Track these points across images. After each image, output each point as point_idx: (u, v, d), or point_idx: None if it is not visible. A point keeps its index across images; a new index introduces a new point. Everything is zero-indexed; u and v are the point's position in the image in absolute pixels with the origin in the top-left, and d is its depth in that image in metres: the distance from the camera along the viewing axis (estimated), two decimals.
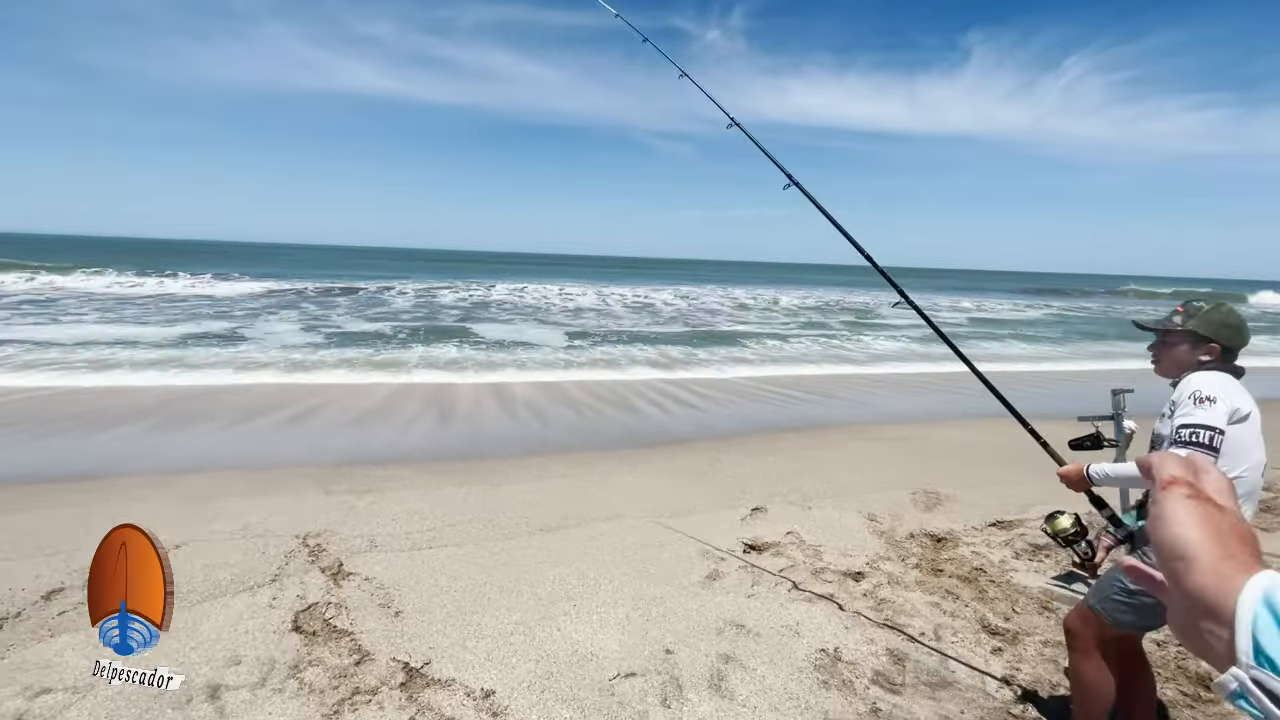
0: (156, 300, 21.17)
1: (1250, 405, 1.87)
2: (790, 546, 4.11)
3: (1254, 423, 1.87)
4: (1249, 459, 1.85)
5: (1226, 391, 1.86)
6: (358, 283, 31.68)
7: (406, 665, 2.76)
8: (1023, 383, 11.14)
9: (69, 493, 5.02)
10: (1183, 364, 2.02)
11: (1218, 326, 1.98)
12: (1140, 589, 1.89)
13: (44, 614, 3.17)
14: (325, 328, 15.96)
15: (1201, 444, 1.78)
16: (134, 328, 14.69)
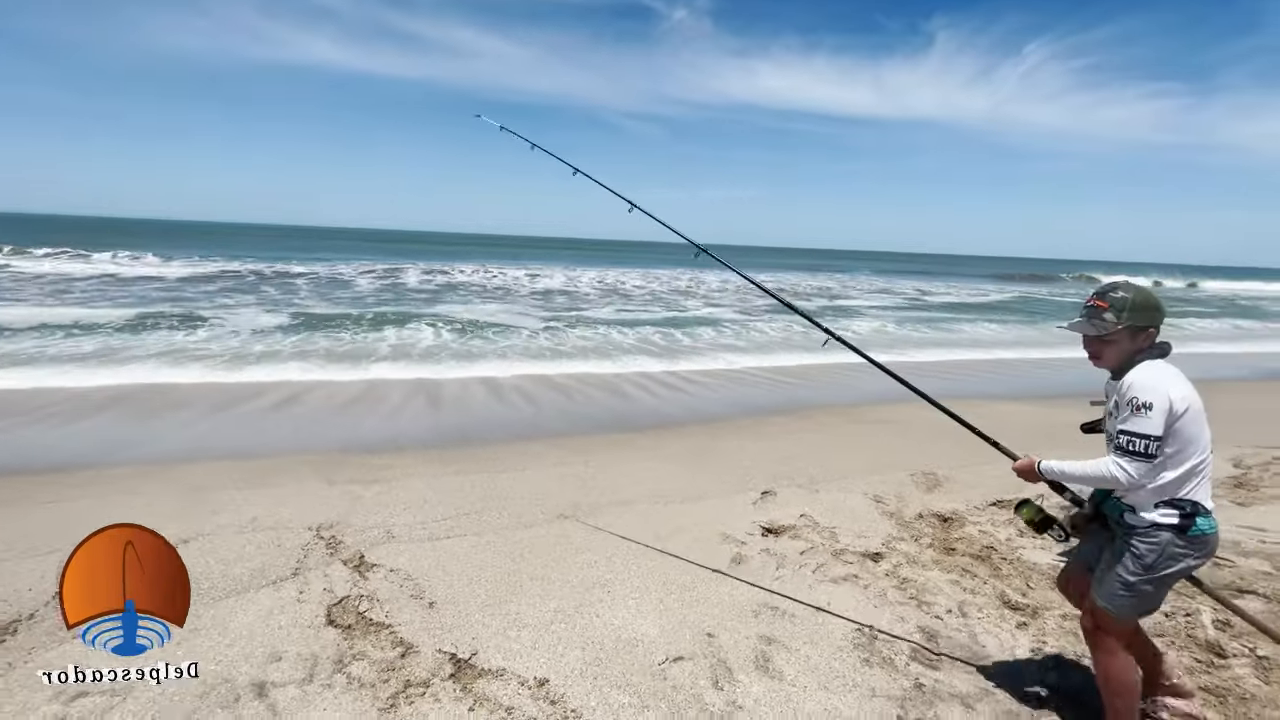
0: (100, 281, 20.14)
1: (1187, 392, 1.97)
2: (806, 529, 4.21)
3: (1195, 411, 1.97)
4: (1197, 445, 1.98)
5: (1164, 390, 1.94)
6: (315, 265, 30.71)
7: (453, 656, 2.75)
8: (1001, 368, 11.55)
9: (55, 486, 4.81)
10: (1124, 354, 2.08)
11: (1149, 312, 2.05)
12: (1139, 578, 2.00)
13: (58, 615, 3.04)
14: (290, 311, 15.46)
15: (1139, 453, 1.93)
16: (81, 309, 13.99)
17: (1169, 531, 1.98)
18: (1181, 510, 1.98)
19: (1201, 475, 1.99)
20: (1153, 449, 1.92)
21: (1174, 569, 2.00)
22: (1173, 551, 1.98)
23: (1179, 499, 1.98)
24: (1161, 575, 2.01)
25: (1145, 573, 2.01)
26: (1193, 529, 1.98)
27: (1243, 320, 24.04)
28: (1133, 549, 2.03)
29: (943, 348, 14.09)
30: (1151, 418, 1.92)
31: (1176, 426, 1.94)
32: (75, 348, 10.17)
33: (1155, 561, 2.00)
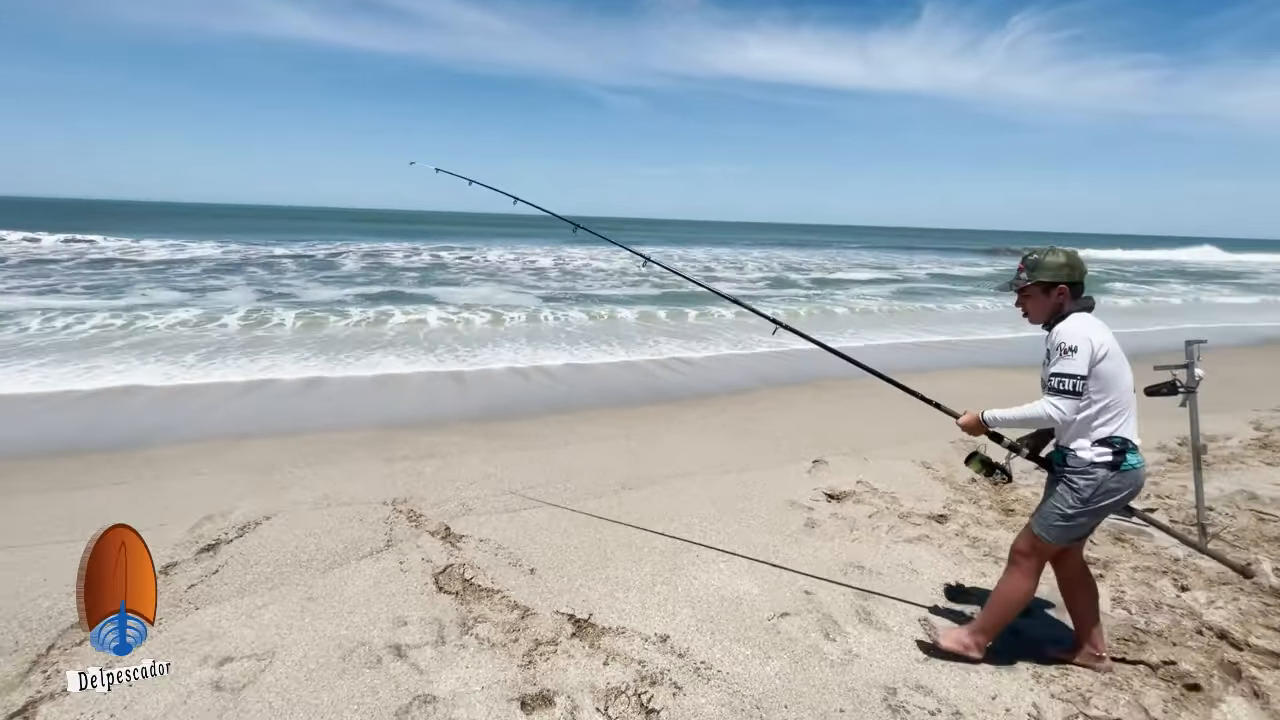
0: (79, 266, 19.67)
1: (1108, 339, 2.23)
2: (867, 494, 4.37)
3: (1113, 354, 2.22)
4: (1118, 385, 2.23)
5: (1086, 336, 2.20)
6: (297, 246, 30.19)
7: (572, 617, 2.88)
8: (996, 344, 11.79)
9: (120, 467, 4.84)
10: (1045, 309, 2.36)
11: (1056, 269, 2.31)
12: (1076, 510, 2.24)
13: (171, 589, 3.12)
14: (285, 296, 15.29)
15: (1068, 391, 2.19)
16: (81, 299, 13.71)
17: (1104, 469, 2.22)
18: (1113, 448, 2.21)
19: (1125, 412, 2.23)
20: (1079, 387, 2.19)
21: (1109, 501, 2.26)
22: (1108, 486, 2.23)
23: (1111, 436, 2.22)
24: (1097, 507, 2.27)
25: (1083, 506, 2.26)
26: (1124, 464, 2.22)
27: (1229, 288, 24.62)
28: (1071, 484, 2.27)
29: (946, 324, 14.33)
30: (1076, 359, 2.18)
31: (1098, 368, 2.20)
32: (85, 336, 10.04)
33: (1092, 495, 2.24)
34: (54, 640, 2.70)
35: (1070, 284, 2.31)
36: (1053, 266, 2.31)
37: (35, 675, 2.46)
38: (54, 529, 3.75)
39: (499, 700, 2.34)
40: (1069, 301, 2.32)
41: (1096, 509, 2.27)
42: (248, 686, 2.40)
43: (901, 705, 2.32)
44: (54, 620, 2.85)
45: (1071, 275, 2.31)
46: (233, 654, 2.60)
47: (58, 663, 2.54)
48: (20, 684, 2.41)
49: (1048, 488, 2.43)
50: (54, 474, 4.67)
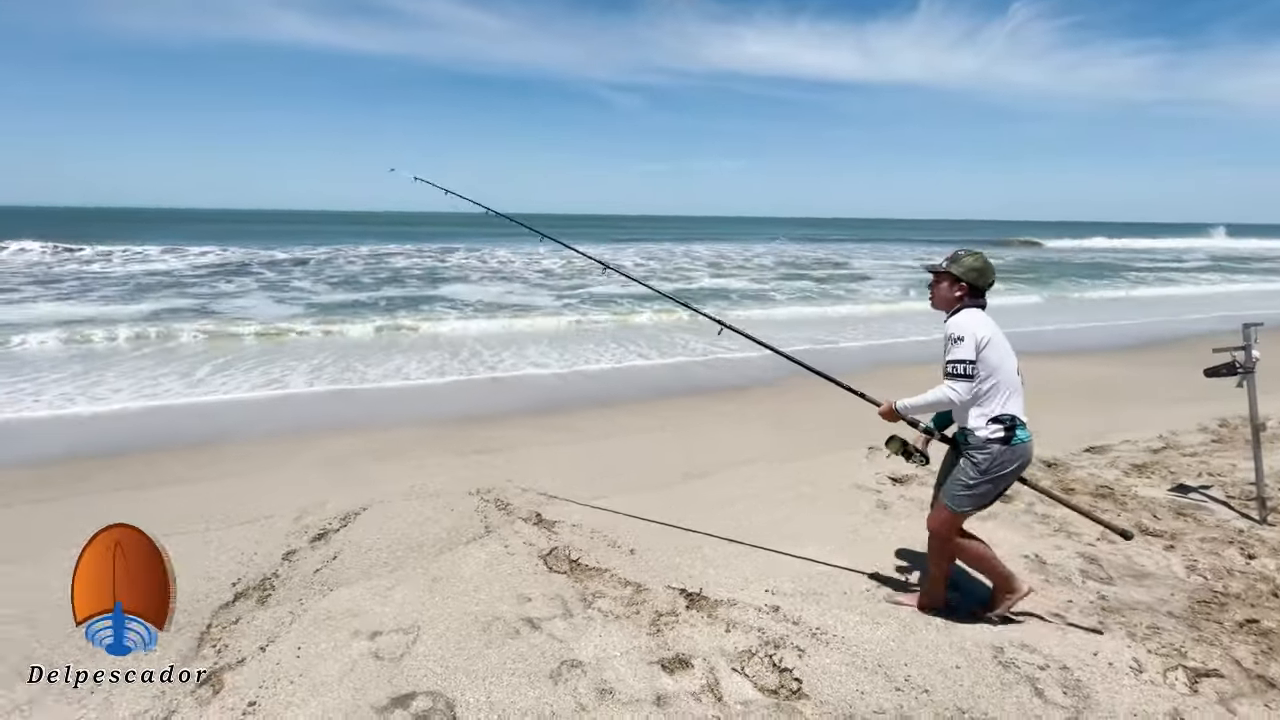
0: (88, 275, 19.86)
1: (990, 330, 2.55)
2: (929, 478, 4.57)
3: (996, 343, 2.55)
4: (1002, 369, 2.55)
5: (972, 327, 2.53)
6: (297, 249, 30.31)
7: (684, 591, 3.08)
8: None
9: (211, 464, 5.04)
10: (945, 298, 2.71)
11: (966, 269, 2.64)
12: (977, 480, 2.62)
13: (300, 572, 3.33)
14: (296, 299, 15.51)
15: (961, 375, 2.51)
16: (95, 306, 13.92)
17: (998, 444, 2.53)
18: (1004, 424, 2.51)
19: (1012, 392, 2.54)
20: (970, 370, 2.51)
21: (1005, 471, 2.57)
22: (1002, 459, 2.55)
23: (1000, 415, 2.52)
24: (996, 476, 2.57)
25: (982, 476, 2.57)
26: (1014, 439, 2.53)
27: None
28: (972, 458, 2.59)
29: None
30: (964, 346, 2.52)
31: (983, 354, 2.52)
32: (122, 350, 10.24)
33: (989, 467, 2.56)
34: (210, 619, 2.90)
35: (972, 286, 2.64)
36: (965, 266, 2.65)
37: (207, 649, 2.67)
38: (182, 520, 3.95)
39: (640, 664, 2.53)
40: (966, 299, 2.65)
41: (995, 478, 2.58)
42: (405, 656, 2.60)
43: (1011, 661, 2.52)
44: (202, 602, 3.05)
45: (976, 280, 2.64)
46: (380, 628, 2.79)
47: (222, 638, 2.74)
48: (196, 656, 2.62)
49: (946, 464, 2.80)
50: (163, 469, 4.87)
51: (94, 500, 4.31)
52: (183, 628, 2.83)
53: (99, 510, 4.08)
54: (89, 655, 2.47)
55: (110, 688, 2.40)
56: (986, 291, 2.69)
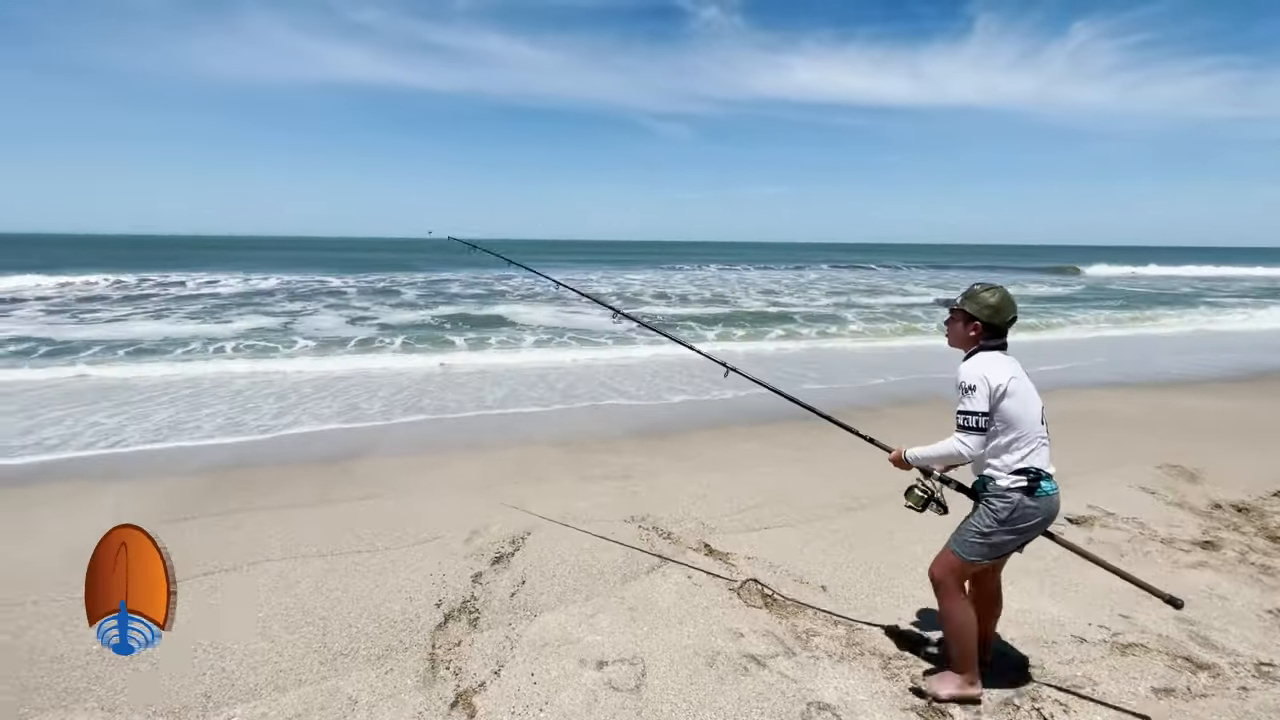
0: (173, 299, 21.15)
1: (1007, 375, 2.32)
2: (1108, 519, 4.31)
3: (1017, 390, 2.31)
4: (1023, 421, 2.32)
5: (986, 375, 2.31)
6: (369, 275, 31.57)
7: (894, 628, 2.95)
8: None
9: (348, 484, 5.16)
10: (960, 338, 2.49)
11: (980, 307, 2.40)
12: (993, 529, 2.35)
13: (496, 596, 3.34)
14: (366, 320, 16.16)
15: (971, 428, 2.30)
16: (193, 325, 14.80)
17: (1020, 493, 2.32)
18: (1029, 475, 2.30)
19: (1033, 445, 2.32)
20: (982, 423, 2.30)
21: (1027, 524, 2.35)
22: (1024, 509, 2.33)
23: (1024, 468, 2.31)
24: (1016, 527, 2.35)
25: (999, 525, 2.35)
26: (1039, 490, 2.31)
27: None
28: (991, 505, 2.37)
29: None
30: (975, 397, 2.30)
31: (1000, 405, 2.30)
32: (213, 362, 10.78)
33: (1009, 517, 2.34)
34: (432, 639, 2.93)
35: (987, 325, 2.40)
36: (980, 303, 2.41)
37: (444, 671, 2.68)
38: (345, 540, 4.06)
39: (893, 710, 2.42)
40: (981, 339, 2.41)
41: (1015, 529, 2.36)
42: (640, 688, 2.56)
43: None
44: (414, 622, 3.09)
45: (991, 318, 2.39)
46: (603, 658, 2.77)
47: (452, 660, 2.76)
48: (435, 679, 2.64)
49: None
50: (297, 490, 5.04)
51: (244, 519, 4.47)
52: (408, 648, 2.87)
53: (253, 531, 4.23)
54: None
55: (371, 706, 2.44)
56: (1007, 330, 2.41)
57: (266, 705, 2.49)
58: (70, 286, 23.53)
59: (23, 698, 2.55)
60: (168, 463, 5.73)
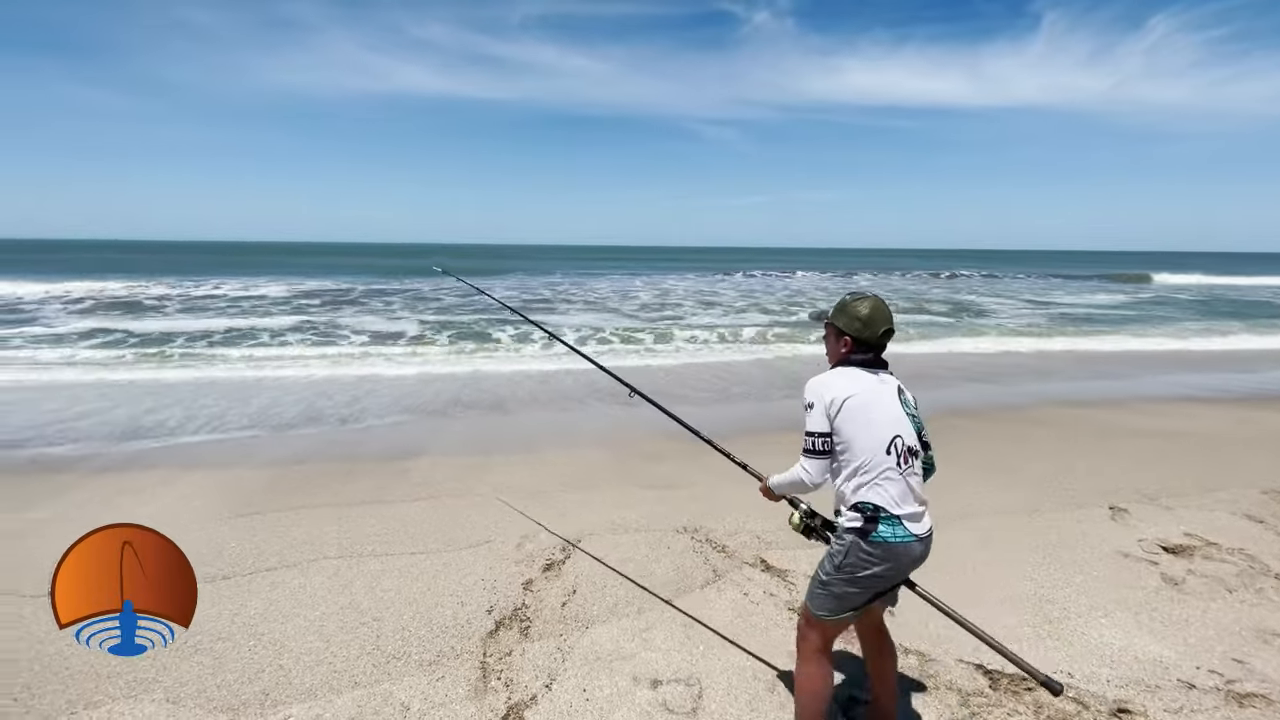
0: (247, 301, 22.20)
1: (847, 392, 2.02)
2: (1210, 549, 3.91)
3: (857, 410, 2.00)
4: (857, 444, 2.00)
5: (819, 389, 2.06)
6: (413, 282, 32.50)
7: (982, 668, 2.72)
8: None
9: (400, 485, 5.22)
10: (832, 353, 2.22)
11: (849, 320, 2.13)
12: (830, 577, 2.04)
13: (547, 605, 3.28)
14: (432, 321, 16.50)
15: (811, 450, 2.05)
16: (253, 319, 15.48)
17: (853, 535, 2.00)
18: (864, 514, 1.98)
19: (873, 475, 1.98)
20: (822, 445, 2.04)
21: (865, 573, 2.00)
22: (858, 554, 2.00)
23: (860, 502, 1.99)
24: (854, 577, 2.02)
25: (836, 572, 2.04)
26: (874, 534, 1.97)
27: None
28: (830, 548, 2.09)
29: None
30: (814, 415, 2.05)
31: (836, 424, 2.02)
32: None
33: (843, 562, 2.03)
34: (483, 647, 2.89)
35: (857, 339, 2.12)
36: (849, 316, 2.14)
37: (495, 681, 2.63)
38: (398, 541, 4.09)
39: None
40: (853, 354, 2.14)
41: (853, 579, 2.02)
42: (697, 711, 2.44)
43: None
44: (463, 628, 3.06)
45: (859, 332, 2.11)
46: (657, 676, 2.66)
47: (503, 670, 2.71)
48: (486, 689, 2.59)
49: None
50: (355, 488, 5.13)
51: (304, 516, 4.56)
52: (460, 655, 2.84)
53: (312, 528, 4.30)
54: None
55: (423, 714, 2.40)
56: (880, 343, 2.13)
57: (322, 706, 2.49)
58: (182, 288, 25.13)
59: (98, 685, 2.64)
60: (241, 454, 5.95)
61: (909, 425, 2.06)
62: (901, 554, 1.99)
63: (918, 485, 2.04)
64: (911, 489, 2.01)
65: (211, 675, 2.70)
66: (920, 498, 2.04)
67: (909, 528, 1.99)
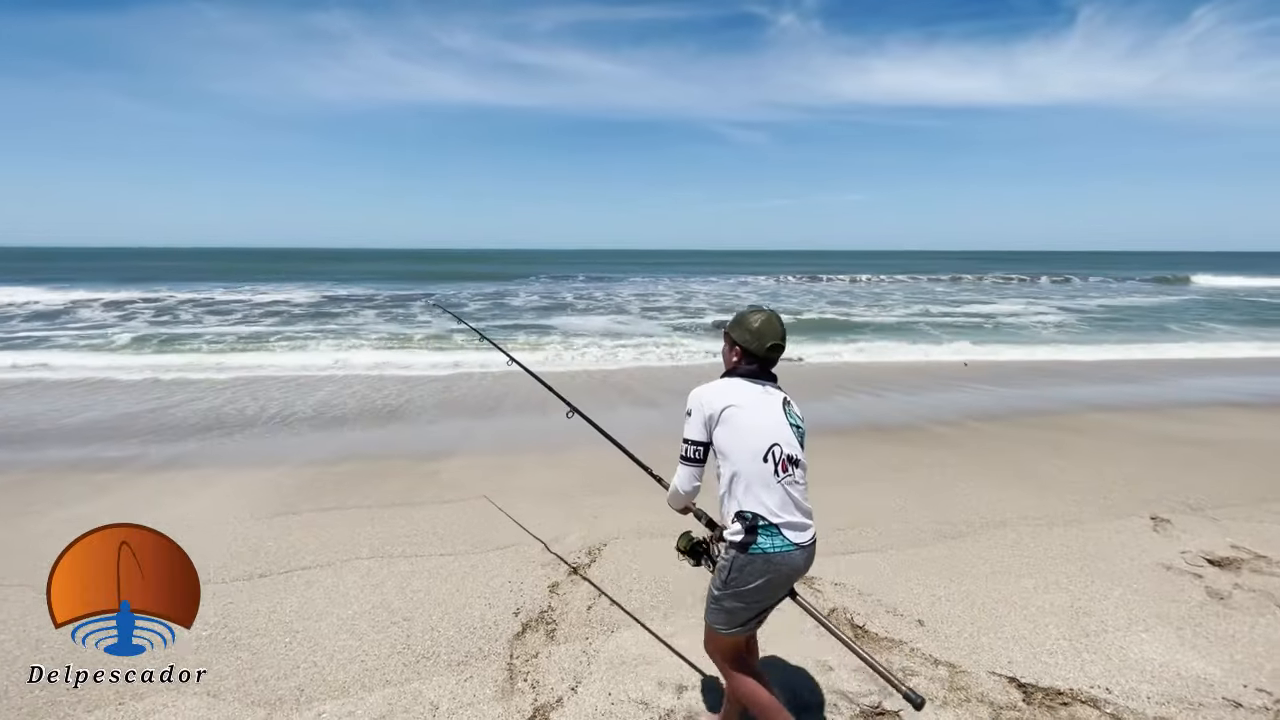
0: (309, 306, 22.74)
1: (725, 402, 2.02)
2: (1259, 563, 3.76)
3: (736, 418, 2.00)
4: (734, 453, 1.99)
5: (699, 396, 2.08)
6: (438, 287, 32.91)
7: (1015, 681, 2.67)
8: None
9: (429, 487, 5.31)
10: (727, 362, 2.22)
11: (741, 331, 2.14)
12: (720, 591, 2.02)
13: (573, 608, 3.31)
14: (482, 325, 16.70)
15: (685, 458, 2.07)
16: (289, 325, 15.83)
17: (735, 548, 1.98)
18: (745, 524, 1.96)
19: (750, 484, 1.96)
20: (695, 453, 2.05)
21: (749, 586, 1.98)
22: (740, 567, 1.98)
23: (740, 511, 1.97)
24: (738, 591, 2.00)
25: (724, 587, 2.02)
26: (753, 546, 1.95)
27: None
28: (719, 563, 2.05)
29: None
30: (691, 423, 2.07)
31: (715, 433, 2.03)
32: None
33: (728, 578, 2.01)
34: (510, 649, 2.93)
35: (746, 350, 2.13)
36: (741, 327, 2.16)
37: (522, 683, 2.66)
38: (428, 542, 4.16)
39: None
40: (740, 366, 2.15)
41: (738, 593, 2.00)
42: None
43: None
44: (490, 629, 3.10)
45: (748, 344, 2.12)
46: (683, 682, 2.67)
47: (529, 672, 2.74)
48: (513, 691, 2.62)
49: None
50: (385, 489, 5.23)
51: (339, 517, 4.66)
52: (487, 656, 2.88)
53: (346, 529, 4.39)
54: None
55: (451, 713, 2.44)
56: (769, 357, 2.12)
57: (354, 704, 2.55)
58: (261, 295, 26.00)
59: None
60: (278, 456, 6.12)
61: (790, 435, 2.04)
62: (781, 564, 1.97)
63: (799, 495, 2.01)
64: (791, 498, 1.99)
65: (249, 670, 2.79)
66: (804, 508, 2.02)
67: (789, 536, 1.96)
